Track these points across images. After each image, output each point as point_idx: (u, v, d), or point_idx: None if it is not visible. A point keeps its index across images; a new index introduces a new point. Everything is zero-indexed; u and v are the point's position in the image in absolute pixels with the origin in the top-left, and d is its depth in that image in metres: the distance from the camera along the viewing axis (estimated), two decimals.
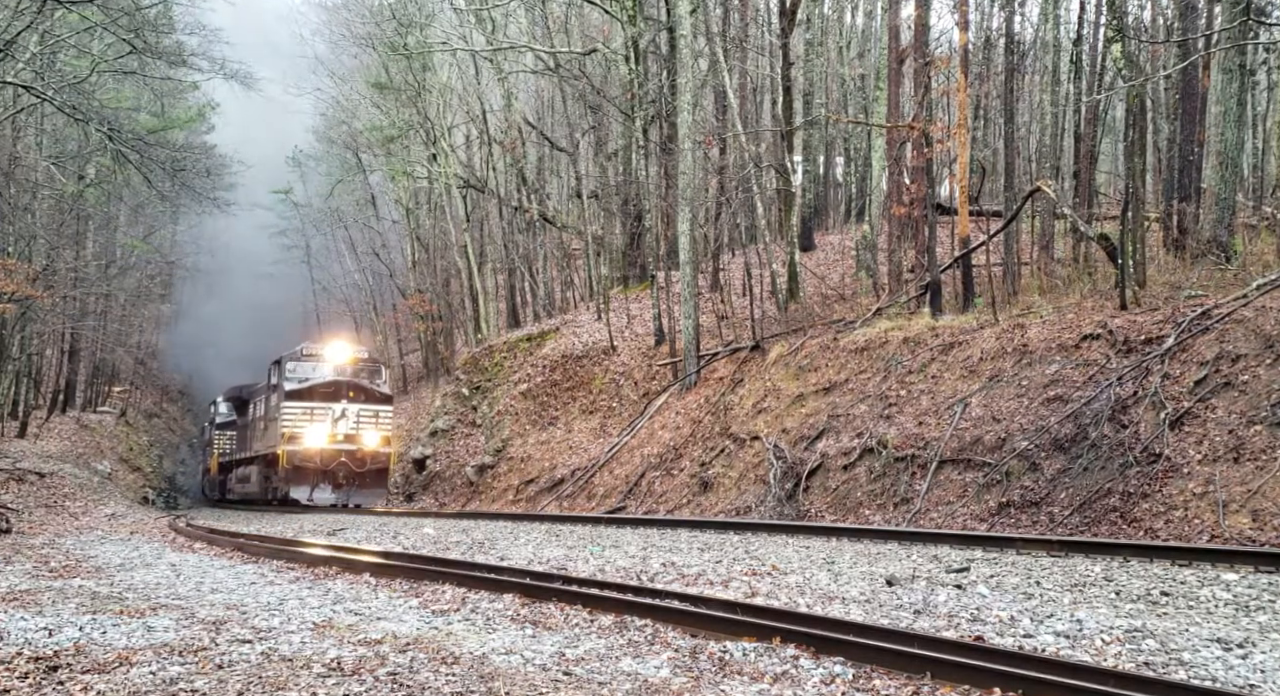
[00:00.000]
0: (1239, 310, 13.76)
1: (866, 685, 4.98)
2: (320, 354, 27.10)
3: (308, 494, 25.84)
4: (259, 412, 31.06)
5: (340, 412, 26.03)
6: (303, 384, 26.23)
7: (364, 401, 26.45)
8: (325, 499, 25.88)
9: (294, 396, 25.86)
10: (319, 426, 26.03)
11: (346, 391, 26.12)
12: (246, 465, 32.31)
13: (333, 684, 5.11)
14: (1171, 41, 19.09)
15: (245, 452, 33.18)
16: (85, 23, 22.38)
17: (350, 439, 26.14)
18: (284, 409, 26.04)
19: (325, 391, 25.99)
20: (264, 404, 29.44)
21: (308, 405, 25.90)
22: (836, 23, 35.36)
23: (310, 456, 25.65)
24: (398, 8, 37.18)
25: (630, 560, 10.14)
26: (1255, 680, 4.83)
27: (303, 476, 25.80)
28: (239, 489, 33.60)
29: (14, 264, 25.52)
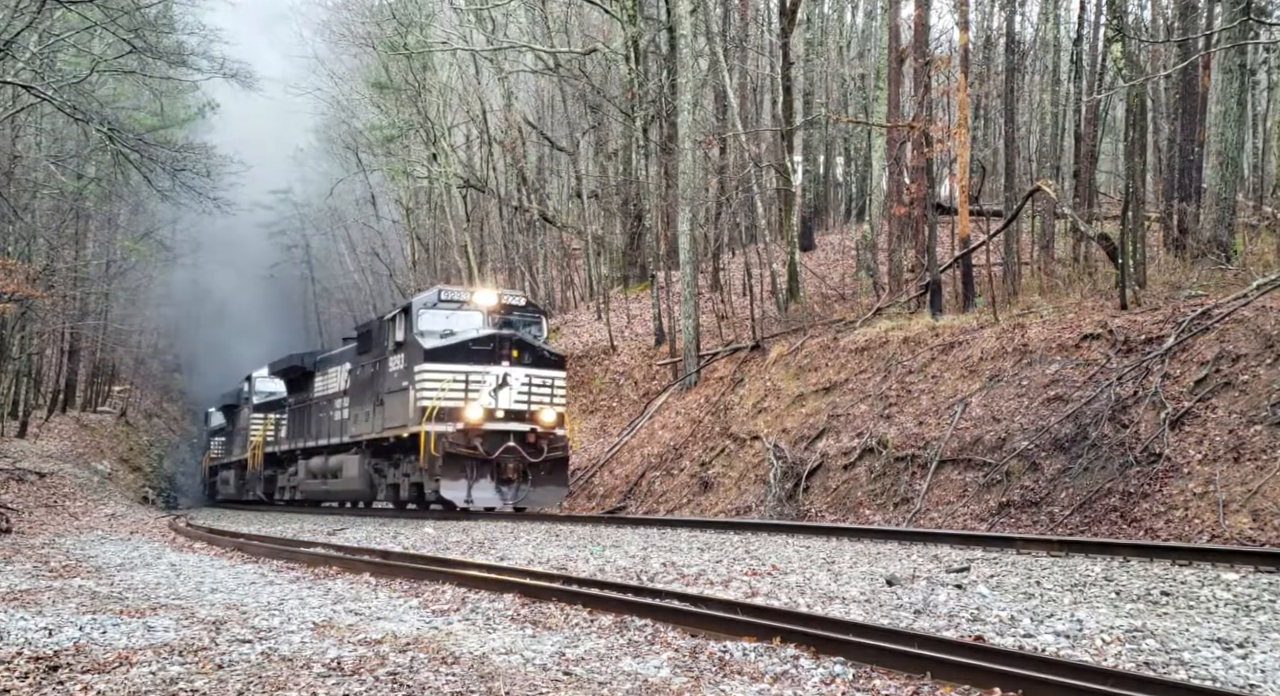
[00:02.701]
0: (1239, 310, 13.76)
1: (867, 685, 4.98)
2: (466, 298, 19.53)
3: (464, 493, 18.15)
4: (340, 385, 23.99)
5: (501, 379, 18.44)
6: (447, 339, 18.75)
7: (532, 364, 18.84)
8: (487, 499, 18.38)
9: (436, 356, 18.42)
10: (475, 398, 18.50)
11: (509, 349, 18.64)
12: (315, 457, 24.99)
13: (333, 684, 5.11)
14: (1171, 41, 19.09)
15: (307, 440, 26.00)
16: (85, 22, 22.35)
17: (518, 415, 18.55)
18: (422, 374, 18.52)
19: (481, 350, 18.58)
20: (365, 371, 21.82)
21: (457, 369, 18.37)
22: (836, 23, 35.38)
23: (468, 439, 18.07)
24: (398, 8, 37.17)
25: (630, 560, 10.14)
26: (1255, 680, 4.83)
27: (457, 468, 18.03)
28: (309, 486, 25.77)
29: (14, 264, 25.51)
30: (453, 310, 19.27)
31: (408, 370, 19.08)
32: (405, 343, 19.44)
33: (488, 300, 19.55)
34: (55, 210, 33.08)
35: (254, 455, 31.76)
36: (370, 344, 21.75)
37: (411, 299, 20.57)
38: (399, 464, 20.05)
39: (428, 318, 19.22)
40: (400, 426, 19.19)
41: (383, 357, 20.48)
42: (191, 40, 25.61)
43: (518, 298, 20.26)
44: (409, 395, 18.81)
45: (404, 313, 19.71)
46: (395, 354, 19.80)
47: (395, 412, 19.48)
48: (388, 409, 19.91)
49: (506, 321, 19.34)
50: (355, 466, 21.78)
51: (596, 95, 32.02)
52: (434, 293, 19.87)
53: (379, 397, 20.41)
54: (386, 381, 20.08)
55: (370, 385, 21.20)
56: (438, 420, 18.07)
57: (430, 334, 18.92)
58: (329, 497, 25.67)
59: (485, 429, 18.20)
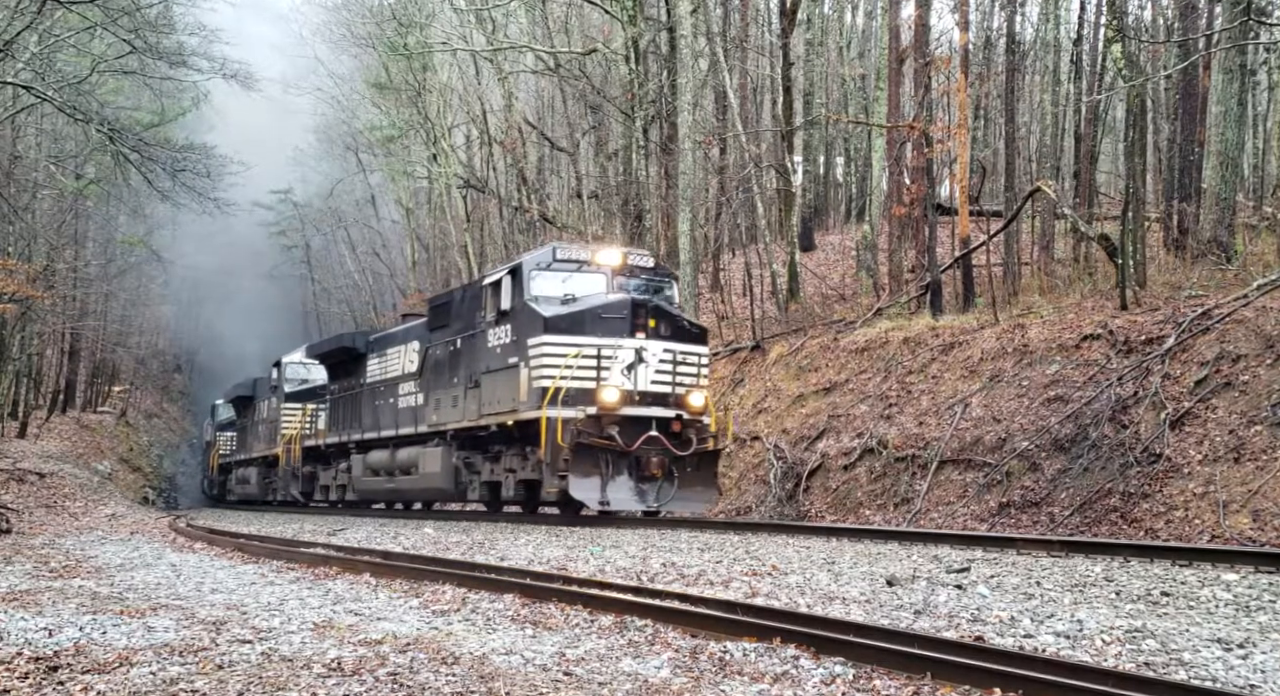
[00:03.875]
0: (1239, 310, 13.76)
1: (867, 685, 4.98)
2: (587, 257, 16.23)
3: (598, 493, 14.66)
4: (404, 367, 20.42)
5: (637, 354, 15.03)
6: (569, 306, 15.46)
7: (672, 336, 15.45)
8: (623, 501, 14.97)
9: (557, 326, 15.16)
10: (606, 378, 15.10)
11: (645, 318, 15.26)
12: (376, 450, 21.43)
13: (333, 684, 5.11)
14: (1171, 41, 19.09)
15: (361, 431, 22.38)
16: (85, 22, 22.36)
17: (660, 399, 15.17)
18: (539, 348, 15.15)
19: (612, 318, 15.22)
20: (445, 349, 18.39)
21: (584, 342, 15.02)
22: (836, 23, 35.38)
23: (602, 427, 14.74)
24: (398, 8, 37.19)
25: (630, 560, 10.14)
26: (1255, 680, 4.83)
27: (589, 463, 14.61)
28: (367, 485, 22.18)
29: (14, 264, 25.51)
30: (571, 272, 15.90)
31: (518, 344, 15.71)
32: (514, 311, 15.94)
33: (611, 260, 16.08)
34: (55, 210, 33.10)
35: (289, 450, 27.67)
36: (451, 317, 18.48)
37: (519, 258, 17.08)
38: (500, 457, 16.61)
39: (542, 280, 15.82)
40: (507, 412, 15.78)
41: (476, 331, 17.15)
42: (192, 41, 25.61)
43: (645, 257, 16.84)
44: (520, 374, 15.44)
45: (512, 275, 16.17)
46: (498, 325, 16.38)
47: (498, 395, 16.16)
48: (486, 391, 16.56)
49: (633, 286, 16.01)
50: (437, 460, 18.24)
51: (596, 95, 32.01)
52: (548, 251, 16.37)
53: (472, 378, 17.07)
54: (484, 359, 16.70)
55: (455, 365, 17.89)
56: (566, 404, 14.69)
57: (547, 300, 15.60)
58: (396, 498, 22.60)
59: (623, 414, 14.76)
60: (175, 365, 67.78)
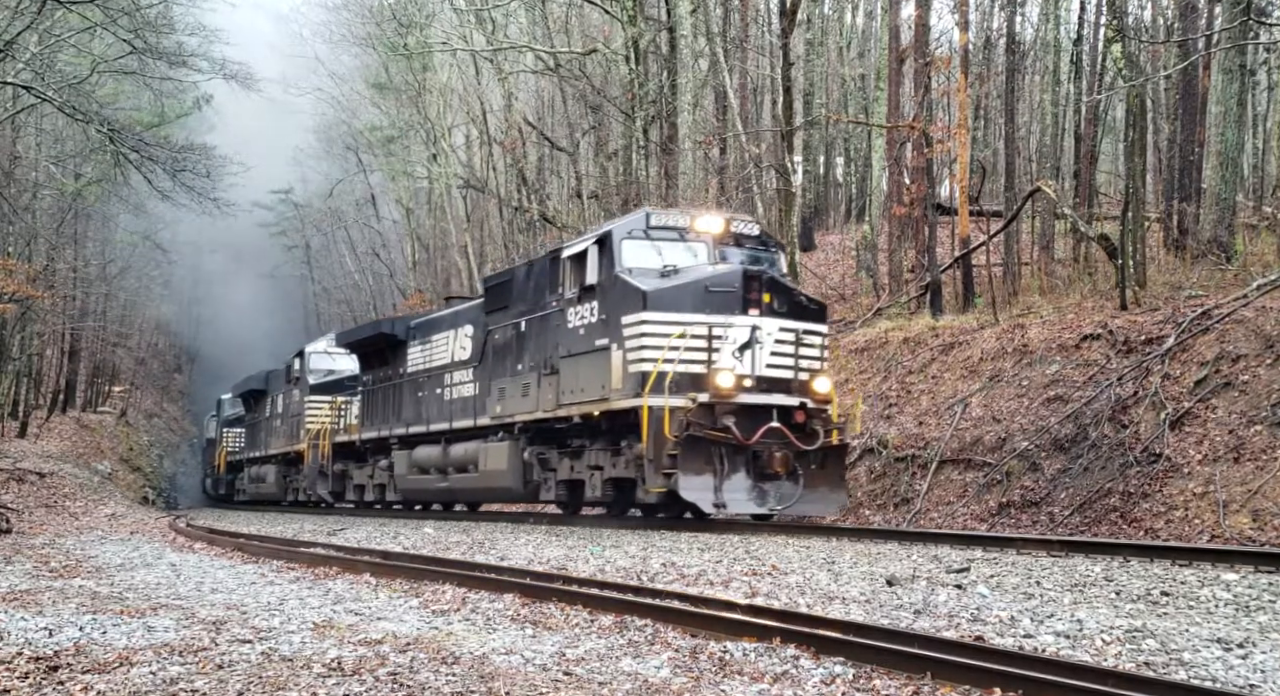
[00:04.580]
0: (1239, 310, 13.77)
1: (867, 685, 4.98)
2: (685, 224, 14.17)
3: (711, 493, 12.66)
4: (456, 354, 18.58)
5: (751, 333, 13.04)
6: (671, 279, 13.46)
7: (789, 313, 13.43)
8: (740, 502, 12.89)
9: (659, 302, 13.12)
10: (716, 361, 13.08)
11: (758, 293, 13.22)
12: (425, 446, 19.57)
13: (333, 684, 5.11)
14: (1171, 41, 19.10)
15: (405, 425, 20.45)
16: (85, 23, 22.36)
17: (780, 385, 13.20)
18: (637, 327, 13.22)
19: (722, 293, 13.20)
20: (509, 332, 16.55)
21: (691, 319, 13.01)
22: (836, 23, 35.38)
23: (715, 417, 12.74)
24: (398, 8, 37.19)
25: (630, 560, 10.15)
26: (1255, 680, 4.83)
27: (701, 458, 12.59)
28: (414, 484, 20.29)
29: (14, 264, 25.52)
30: (668, 241, 13.91)
31: (608, 323, 13.71)
32: (602, 286, 13.96)
33: (713, 226, 14.07)
34: (55, 210, 33.10)
35: (316, 447, 25.47)
36: (513, 297, 16.55)
37: (608, 226, 14.77)
38: (582, 452, 14.71)
39: (635, 250, 13.83)
40: (594, 401, 13.87)
41: (550, 311, 15.20)
42: (192, 41, 25.61)
43: (750, 224, 14.73)
44: (611, 357, 13.48)
45: (599, 245, 14.17)
46: (582, 302, 14.44)
47: (582, 382, 14.21)
48: (566, 378, 14.61)
49: (738, 256, 14.03)
50: (502, 457, 16.33)
51: (596, 95, 32.01)
52: (639, 217, 14.42)
53: (547, 364, 15.11)
54: (562, 341, 14.74)
55: (522, 350, 16.01)
56: (674, 391, 12.70)
57: (643, 272, 13.57)
58: (450, 499, 20.63)
59: (739, 402, 12.76)
60: (175, 365, 67.82)
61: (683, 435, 12.47)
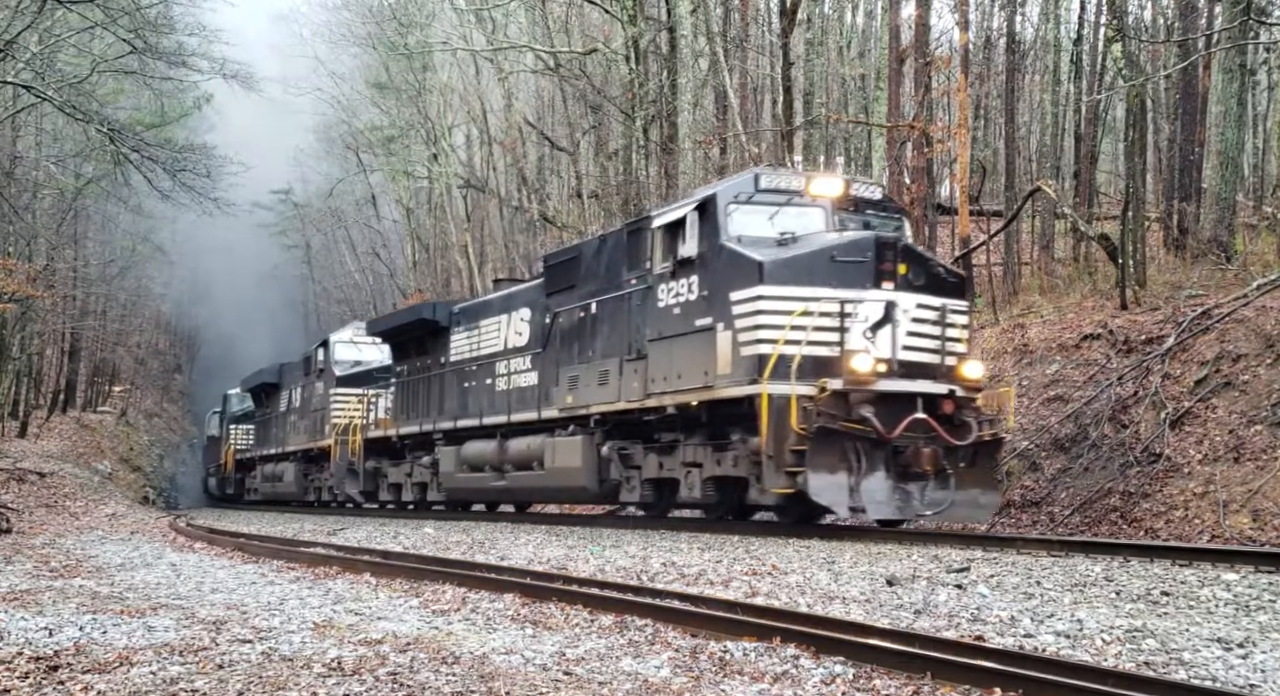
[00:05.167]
0: (1239, 310, 13.78)
1: (867, 685, 4.98)
2: (799, 186, 12.44)
3: (846, 494, 11.03)
4: (508, 341, 17.26)
5: (886, 310, 11.41)
6: (790, 249, 11.84)
7: (927, 287, 11.78)
8: (880, 504, 11.15)
9: (776, 274, 11.51)
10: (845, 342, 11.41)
11: (893, 263, 11.57)
12: (475, 441, 17.95)
13: (333, 683, 5.11)
14: (1171, 41, 19.10)
15: (450, 418, 18.93)
16: (85, 22, 22.37)
17: (925, 370, 11.58)
18: (750, 304, 11.59)
19: (850, 263, 11.56)
20: (576, 314, 15.15)
21: (817, 294, 11.38)
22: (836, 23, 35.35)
23: (850, 407, 11.12)
24: (398, 8, 37.20)
25: (630, 560, 10.15)
26: (1255, 680, 4.83)
27: (835, 453, 10.99)
28: (464, 483, 18.53)
29: (14, 264, 25.53)
30: (780, 205, 12.23)
31: (712, 300, 12.08)
32: (705, 257, 12.30)
33: (831, 189, 12.39)
34: (55, 210, 33.10)
35: (345, 443, 23.55)
36: (581, 275, 15.13)
37: (709, 190, 13.01)
38: (675, 448, 13.11)
39: (744, 216, 12.18)
40: (695, 389, 12.20)
41: (634, 289, 13.61)
42: (192, 41, 25.61)
43: (872, 187, 13.09)
44: (717, 339, 11.89)
45: (699, 211, 12.45)
46: (677, 278, 12.70)
47: (678, 367, 12.54)
48: (656, 364, 12.96)
49: (858, 224, 12.34)
50: (574, 453, 14.64)
51: (596, 95, 32.01)
52: (747, 179, 12.53)
53: (631, 349, 13.59)
54: (653, 322, 13.11)
55: (596, 333, 14.57)
56: (800, 378, 10.94)
57: (756, 241, 11.93)
58: (508, 499, 19.09)
59: (879, 390, 11.11)
60: (175, 365, 67.82)
61: (812, 428, 10.77)
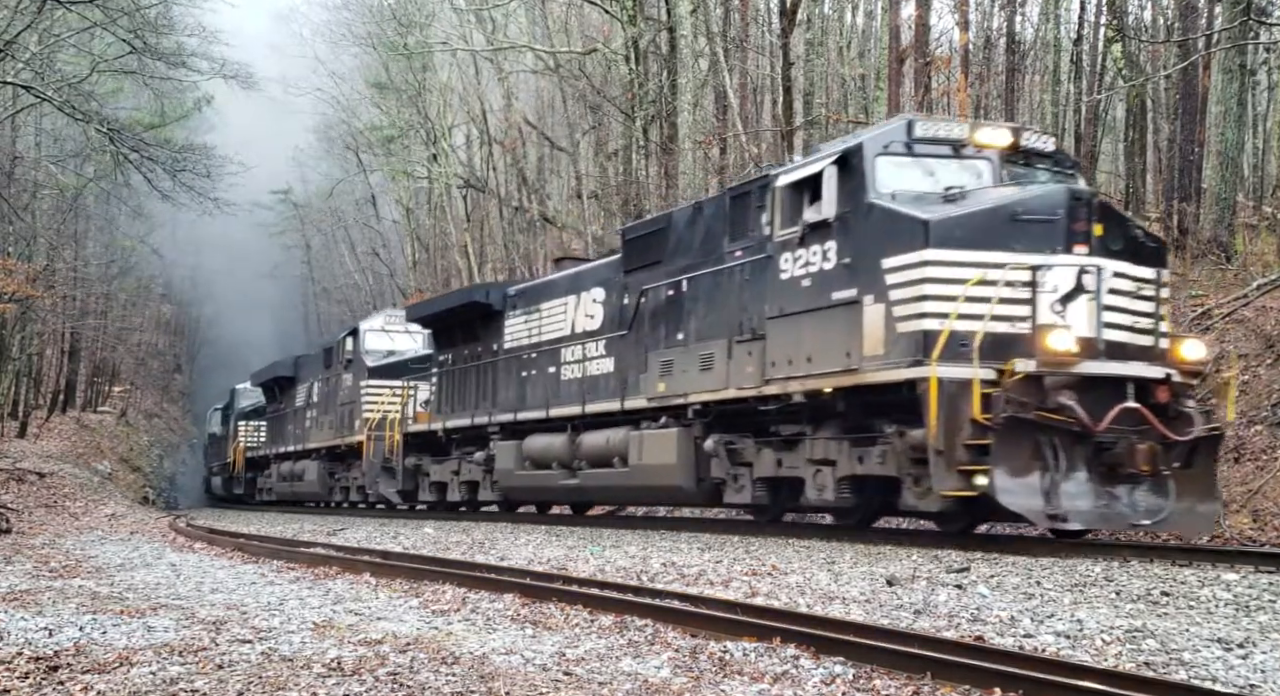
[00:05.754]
0: (1239, 310, 13.77)
1: (867, 685, 4.98)
2: (962, 136, 10.79)
3: (1041, 498, 9.08)
4: (574, 324, 15.86)
5: (1078, 279, 9.53)
6: (960, 206, 10.06)
7: (1125, 252, 9.94)
8: (1090, 514, 9.32)
9: (945, 235, 9.78)
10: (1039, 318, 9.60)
11: (1087, 223, 9.73)
12: (539, 435, 16.35)
13: (333, 684, 5.11)
14: (1171, 41, 19.10)
15: (506, 410, 17.31)
16: (85, 23, 22.38)
17: (1129, 351, 9.79)
18: (916, 272, 9.84)
19: (1037, 222, 9.74)
20: (663, 292, 13.64)
21: (997, 260, 9.59)
22: (836, 23, 35.36)
23: (1046, 393, 9.22)
24: (398, 8, 37.20)
25: (630, 560, 10.15)
26: (1255, 680, 4.84)
27: (1026, 449, 9.13)
28: (523, 482, 16.99)
29: (14, 264, 25.54)
30: (937, 158, 10.68)
31: (857, 267, 10.40)
32: (846, 218, 10.62)
33: (999, 139, 10.76)
34: (55, 210, 33.12)
35: (380, 439, 21.72)
36: (669, 248, 13.66)
37: (852, 140, 11.26)
38: (799, 443, 11.48)
39: (896, 170, 10.62)
40: (835, 372, 10.51)
41: (743, 260, 12.08)
42: (191, 41, 25.62)
43: (1045, 139, 11.26)
44: (864, 314, 10.22)
45: (840, 164, 10.74)
46: (807, 244, 11.06)
47: (810, 348, 10.88)
48: (778, 344, 11.34)
49: (1029, 180, 10.69)
50: (667, 447, 13.05)
51: (596, 95, 32.01)
52: (898, 127, 10.94)
53: (744, 327, 11.96)
54: (774, 296, 11.45)
55: (693, 312, 12.99)
56: (955, 356, 9.38)
57: (913, 198, 10.33)
58: (581, 500, 17.39)
59: (1079, 373, 9.29)
60: (175, 365, 67.84)
61: (999, 417, 9.05)
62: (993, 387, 9.22)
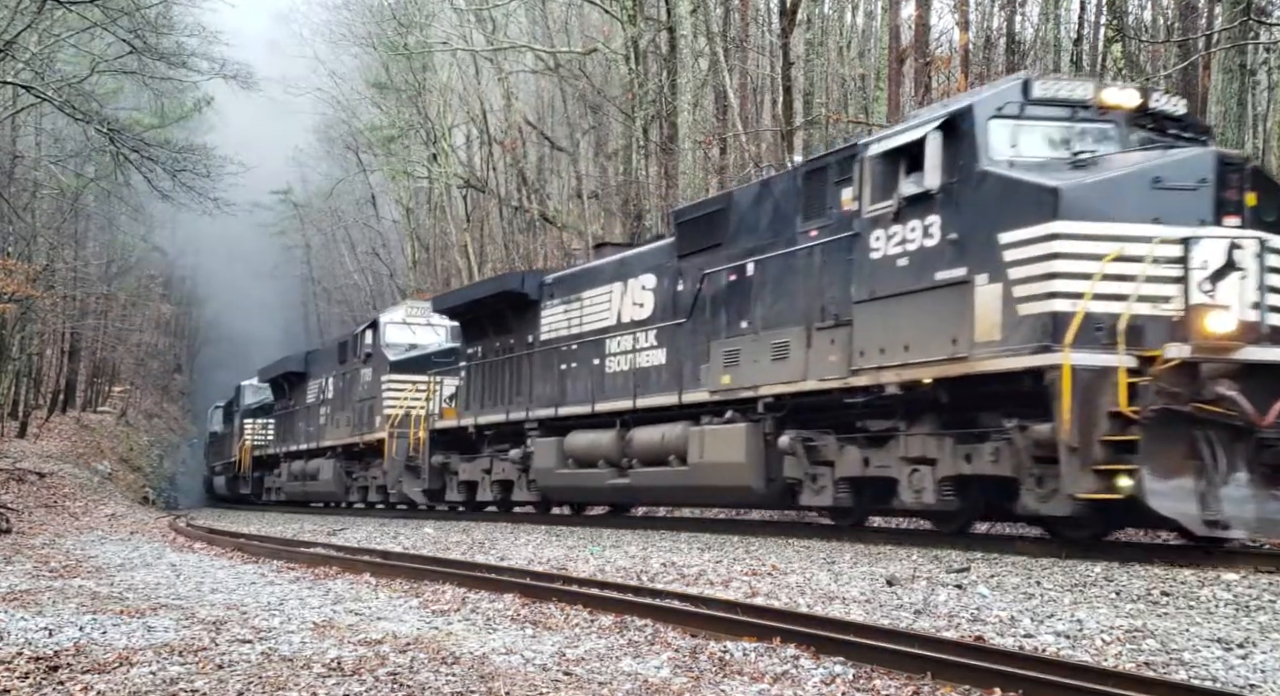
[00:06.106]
0: None
1: (867, 685, 4.98)
2: (1087, 97, 9.71)
3: (1195, 502, 8.22)
4: (622, 312, 14.97)
5: (1228, 255, 8.48)
6: (1089, 172, 9.08)
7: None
8: (1251, 520, 8.31)
9: (1079, 207, 8.77)
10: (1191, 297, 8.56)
11: (1239, 191, 8.79)
12: (583, 432, 15.46)
13: (333, 684, 5.11)
14: (1171, 41, 19.09)
15: (547, 404, 16.32)
16: (85, 23, 22.38)
17: None
18: (1040, 247, 8.88)
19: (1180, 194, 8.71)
20: (723, 278, 12.72)
21: (1133, 232, 8.65)
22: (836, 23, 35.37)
23: (1201, 383, 8.35)
24: (398, 8, 37.20)
25: (630, 560, 10.15)
26: (1255, 680, 4.84)
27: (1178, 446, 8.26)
28: (564, 482, 15.99)
29: (14, 264, 25.54)
30: (1057, 121, 9.72)
31: (967, 243, 9.43)
32: (953, 189, 9.65)
33: (1126, 100, 9.81)
34: (55, 210, 33.13)
35: (404, 436, 20.99)
36: (739, 228, 12.62)
37: (960, 102, 10.22)
38: (892, 439, 10.47)
39: (1011, 134, 9.60)
40: (940, 361, 9.54)
41: (821, 241, 11.13)
42: (191, 41, 25.62)
43: (1175, 102, 10.20)
44: (975, 295, 9.23)
45: (946, 129, 9.73)
46: (903, 219, 10.05)
47: (908, 334, 9.90)
48: (867, 331, 10.36)
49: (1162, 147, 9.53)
50: (737, 443, 12.00)
51: (596, 95, 32.02)
52: (1013, 86, 9.84)
53: (826, 313, 10.95)
54: (862, 278, 10.47)
55: (760, 297, 12.03)
56: (1090, 341, 8.50)
57: (1035, 165, 9.33)
58: (633, 500, 16.48)
59: (1241, 360, 8.45)
60: (175, 365, 67.87)
61: (1148, 410, 8.14)
62: (1135, 377, 8.27)
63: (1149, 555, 9.05)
